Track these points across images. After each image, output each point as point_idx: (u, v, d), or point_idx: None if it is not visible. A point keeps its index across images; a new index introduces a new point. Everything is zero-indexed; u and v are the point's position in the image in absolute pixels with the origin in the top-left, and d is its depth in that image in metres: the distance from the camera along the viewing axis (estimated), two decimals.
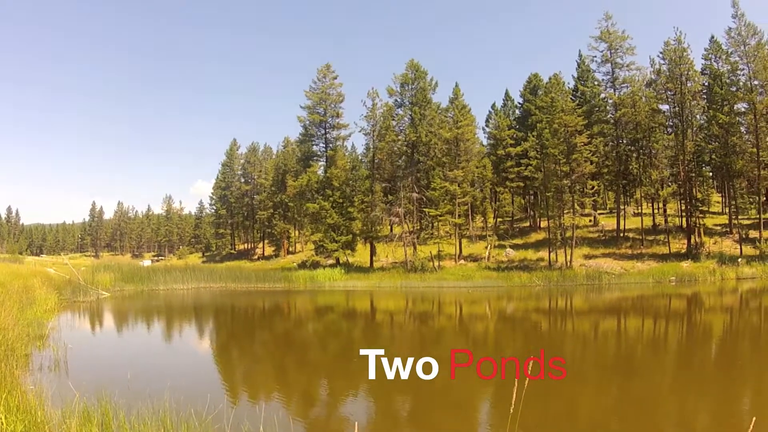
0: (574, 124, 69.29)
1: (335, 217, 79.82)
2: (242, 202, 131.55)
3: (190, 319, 44.46)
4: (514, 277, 64.32)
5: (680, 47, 72.49)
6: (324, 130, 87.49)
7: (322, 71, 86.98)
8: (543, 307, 48.67)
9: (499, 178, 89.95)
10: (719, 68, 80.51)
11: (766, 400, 17.30)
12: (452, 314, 46.13)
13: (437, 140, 79.56)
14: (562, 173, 70.02)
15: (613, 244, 75.09)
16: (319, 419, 16.70)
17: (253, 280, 71.14)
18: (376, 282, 69.19)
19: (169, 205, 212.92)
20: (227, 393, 19.10)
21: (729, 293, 51.15)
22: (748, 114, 72.24)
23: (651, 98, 76.80)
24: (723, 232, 76.10)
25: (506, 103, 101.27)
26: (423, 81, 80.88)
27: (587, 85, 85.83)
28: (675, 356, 25.68)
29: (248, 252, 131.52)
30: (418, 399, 18.35)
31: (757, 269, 60.59)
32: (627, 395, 17.99)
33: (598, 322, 37.66)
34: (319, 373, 23.50)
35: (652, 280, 61.20)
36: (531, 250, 77.97)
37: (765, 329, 32.14)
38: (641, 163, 78.55)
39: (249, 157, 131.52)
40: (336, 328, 38.32)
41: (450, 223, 75.95)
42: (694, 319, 38.57)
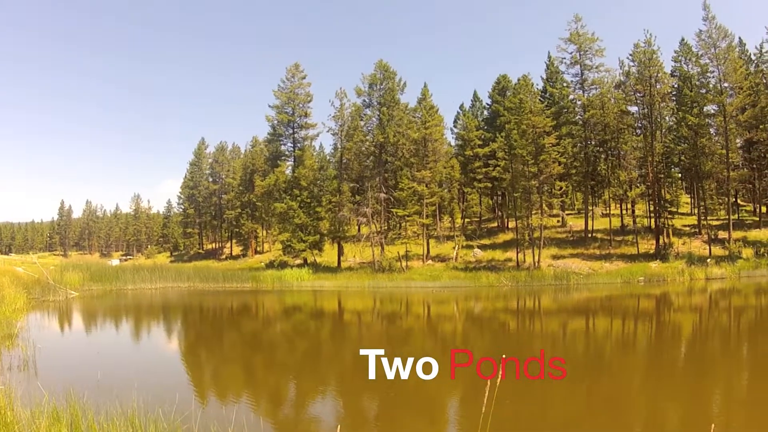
0: (543, 125, 69.98)
1: (303, 217, 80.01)
2: (210, 202, 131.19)
3: (159, 319, 44.81)
4: (481, 278, 65.06)
5: (650, 49, 73.39)
6: (292, 129, 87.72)
7: (291, 71, 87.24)
8: (511, 307, 49.06)
9: (467, 178, 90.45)
10: (689, 70, 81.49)
11: (734, 399, 17.62)
12: (420, 314, 46.56)
13: (405, 141, 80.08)
14: (530, 174, 70.65)
15: (581, 245, 75.86)
16: (288, 419, 16.77)
17: (220, 280, 71.71)
18: (344, 282, 69.68)
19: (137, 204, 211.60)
20: (196, 393, 19.18)
21: (698, 293, 51.75)
22: (717, 116, 73.41)
23: (620, 100, 77.63)
24: (692, 232, 76.96)
25: (474, 104, 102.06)
26: (391, 81, 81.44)
27: (556, 86, 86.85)
28: (644, 356, 26.07)
29: (216, 252, 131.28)
30: (387, 398, 18.48)
31: (726, 270, 61.36)
32: (597, 394, 18.32)
33: (567, 322, 38.13)
34: (288, 373, 23.59)
35: (621, 280, 61.81)
36: (499, 250, 78.48)
37: (734, 329, 32.60)
38: (609, 164, 79.58)
39: (217, 156, 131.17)
40: (304, 329, 38.64)
41: (418, 224, 76.37)
42: (663, 319, 39.25)
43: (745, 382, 19.99)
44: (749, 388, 19.13)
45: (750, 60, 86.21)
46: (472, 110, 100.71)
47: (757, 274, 59.98)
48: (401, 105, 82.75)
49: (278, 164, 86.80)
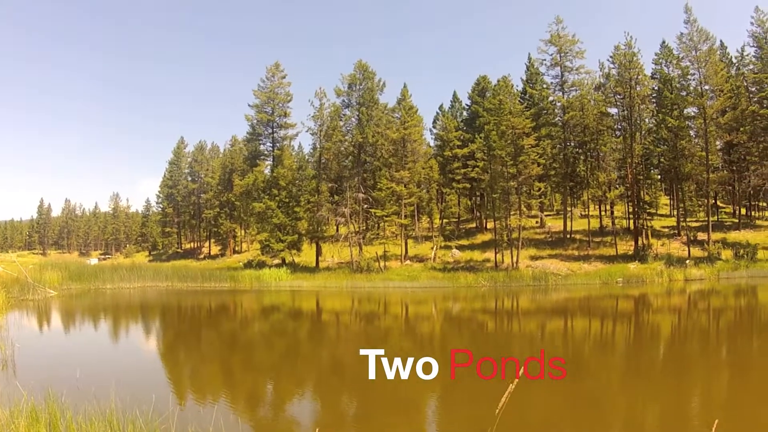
0: (522, 127, 70.41)
1: (281, 217, 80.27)
2: (189, 201, 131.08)
3: (137, 318, 44.73)
4: (460, 278, 65.54)
5: (630, 52, 74.28)
6: (271, 129, 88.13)
7: (271, 70, 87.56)
8: (489, 307, 49.28)
9: (445, 179, 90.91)
10: (670, 73, 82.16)
11: (713, 399, 17.88)
12: (398, 314, 46.80)
13: (384, 141, 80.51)
14: (508, 175, 70.98)
15: (559, 246, 76.53)
16: (266, 420, 16.78)
17: (199, 280, 72.08)
18: (322, 282, 69.89)
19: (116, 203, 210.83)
20: (174, 393, 19.19)
21: (677, 294, 52.33)
22: (697, 118, 74.28)
23: (599, 101, 78.35)
24: (671, 234, 77.94)
25: (454, 104, 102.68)
26: (371, 81, 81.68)
27: (536, 87, 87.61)
28: (623, 356, 26.28)
29: (194, 251, 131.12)
30: (365, 398, 18.71)
31: (705, 271, 62.16)
32: (577, 395, 18.31)
33: (545, 323, 38.38)
34: (266, 373, 23.65)
35: (599, 281, 62.29)
36: (477, 251, 78.96)
37: (713, 330, 32.92)
38: (589, 165, 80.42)
39: (196, 155, 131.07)
40: (282, 329, 38.77)
41: (396, 224, 77.06)
42: (642, 319, 39.41)
43: (725, 382, 20.32)
44: (729, 388, 19.37)
45: (731, 63, 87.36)
46: (452, 111, 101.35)
47: (736, 275, 60.83)
48: (380, 105, 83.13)
49: (257, 164, 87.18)
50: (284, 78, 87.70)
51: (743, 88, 77.13)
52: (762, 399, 16.94)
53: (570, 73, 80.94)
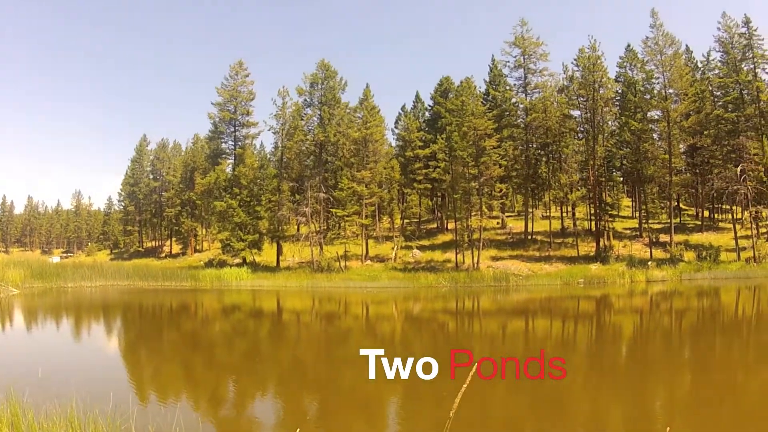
0: (484, 128, 71.37)
1: (242, 216, 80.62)
2: (151, 199, 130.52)
3: (99, 317, 44.83)
4: (420, 278, 66.15)
5: (594, 55, 75.60)
6: (234, 127, 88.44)
7: (235, 68, 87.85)
8: (450, 307, 49.78)
9: (407, 179, 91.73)
10: (634, 76, 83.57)
11: (675, 399, 18.13)
12: (359, 314, 47.29)
13: (345, 140, 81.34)
14: (470, 176, 71.97)
15: (520, 247, 77.57)
16: (228, 419, 16.83)
17: (160, 279, 72.58)
18: (283, 282, 70.36)
19: (78, 200, 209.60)
20: (136, 392, 19.19)
21: (639, 295, 53.10)
22: (661, 121, 75.61)
23: (563, 104, 79.87)
24: (633, 235, 79.28)
25: (416, 105, 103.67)
26: (333, 81, 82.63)
27: (499, 89, 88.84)
28: (585, 356, 26.52)
29: (155, 250, 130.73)
30: (326, 397, 19.09)
31: (667, 272, 63.15)
32: (539, 395, 18.35)
33: (506, 323, 38.85)
34: (227, 373, 23.81)
35: (560, 282, 62.98)
36: (438, 251, 79.72)
37: (675, 330, 33.42)
38: (551, 167, 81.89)
39: (158, 153, 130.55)
40: (243, 328, 39.00)
41: (357, 224, 77.84)
42: (603, 320, 40.07)
43: (687, 382, 20.72)
44: (691, 387, 19.81)
45: (696, 67, 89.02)
46: (414, 111, 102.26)
47: (698, 277, 61.71)
48: (342, 104, 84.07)
49: (219, 162, 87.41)
50: (247, 76, 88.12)
51: (708, 93, 78.77)
52: (719, 401, 17.18)
53: (533, 75, 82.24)
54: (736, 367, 22.44)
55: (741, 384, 19.61)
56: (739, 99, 71.63)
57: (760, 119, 70.86)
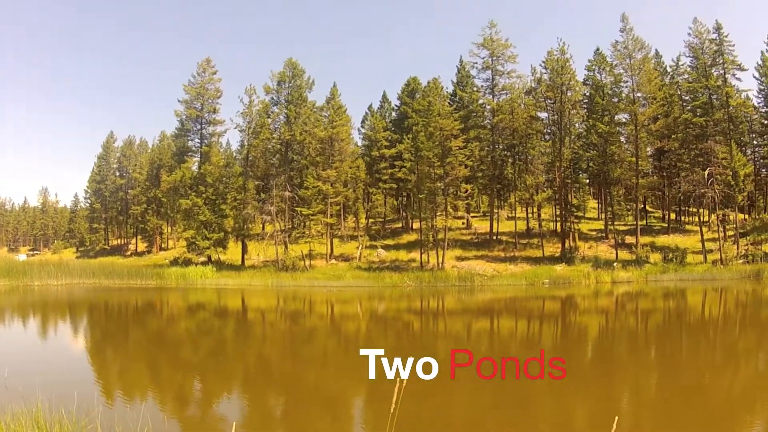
0: (450, 128, 72.50)
1: (208, 214, 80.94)
2: (117, 197, 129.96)
3: (65, 315, 45.18)
4: (385, 278, 66.84)
5: (563, 57, 76.83)
6: (200, 125, 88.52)
7: (202, 66, 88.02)
8: (415, 307, 50.51)
9: (372, 179, 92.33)
10: (602, 79, 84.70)
11: (639, 398, 18.40)
12: (324, 314, 47.75)
13: (312, 139, 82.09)
14: (435, 176, 72.90)
15: (485, 247, 78.49)
16: (194, 418, 16.93)
17: (125, 277, 73.07)
18: (248, 280, 70.96)
19: (45, 197, 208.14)
20: (102, 392, 19.25)
21: (604, 296, 53.73)
22: (628, 124, 77.01)
23: (530, 106, 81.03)
24: (599, 237, 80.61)
25: (383, 105, 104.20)
26: (300, 79, 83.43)
27: (466, 90, 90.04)
28: (550, 355, 25.87)
29: (121, 248, 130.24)
30: (292, 396, 19.33)
31: (633, 273, 63.98)
32: (503, 394, 18.59)
33: (471, 323, 39.15)
34: (193, 372, 24.00)
35: (525, 282, 63.61)
36: (403, 251, 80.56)
37: (642, 331, 34.03)
38: (517, 168, 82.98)
39: (125, 150, 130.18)
40: (208, 327, 39.19)
41: (322, 223, 78.40)
42: (569, 320, 40.33)
43: (652, 381, 20.91)
44: (655, 386, 20.07)
45: (665, 72, 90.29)
46: (381, 111, 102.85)
47: (664, 278, 62.46)
48: (309, 103, 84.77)
49: (185, 160, 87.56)
50: (215, 74, 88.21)
51: (677, 97, 79.79)
52: (684, 400, 17.44)
53: (501, 76, 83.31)
54: (703, 367, 22.91)
55: (707, 384, 19.97)
56: (707, 104, 72.73)
57: (728, 124, 72.40)
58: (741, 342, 29.24)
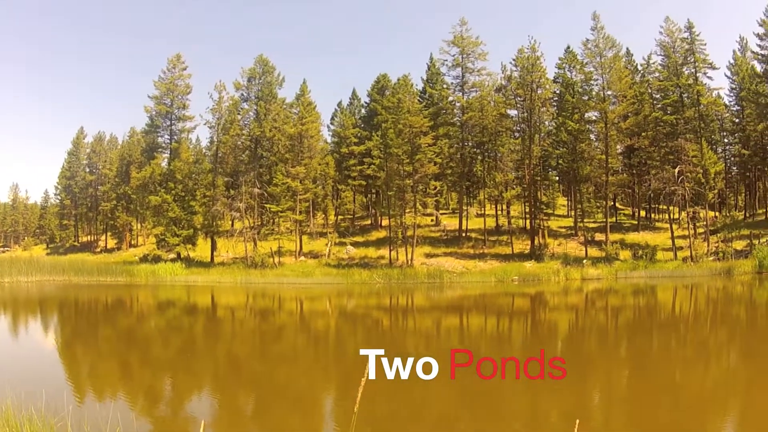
0: (420, 125, 73.28)
1: (177, 211, 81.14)
2: (86, 193, 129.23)
3: (35, 313, 45.26)
4: (354, 275, 67.85)
5: (534, 55, 77.65)
6: (170, 121, 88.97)
7: (173, 61, 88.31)
8: (384, 304, 51.13)
9: (341, 175, 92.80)
10: (573, 77, 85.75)
11: (609, 395, 18.33)
12: (293, 311, 48.12)
13: (281, 136, 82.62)
14: (404, 173, 73.65)
15: (455, 244, 79.17)
16: (164, 416, 16.72)
17: (95, 274, 73.51)
18: (217, 277, 71.49)
19: (15, 193, 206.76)
20: (72, 390, 19.02)
21: (574, 293, 54.22)
22: (598, 122, 77.85)
23: (500, 103, 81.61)
24: (568, 234, 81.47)
25: (353, 101, 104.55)
26: (270, 76, 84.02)
27: (436, 87, 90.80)
28: (520, 352, 26.16)
29: (91, 244, 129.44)
30: (261, 394, 19.43)
31: (602, 270, 64.50)
32: (474, 390, 18.33)
33: (441, 320, 39.52)
34: (163, 369, 23.83)
35: (495, 279, 64.44)
36: (372, 247, 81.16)
37: (612, 327, 34.15)
38: (486, 165, 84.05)
39: (95, 146, 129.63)
40: (178, 325, 39.25)
41: (291, 220, 79.22)
42: (539, 317, 40.59)
43: (622, 378, 20.89)
44: (626, 384, 20.01)
45: (636, 70, 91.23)
46: (350, 108, 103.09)
47: (634, 275, 62.89)
48: (279, 100, 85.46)
49: (155, 156, 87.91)
50: (185, 70, 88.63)
51: (647, 95, 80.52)
52: (655, 397, 17.22)
53: (471, 74, 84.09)
54: (674, 364, 22.95)
55: (678, 381, 20.01)
56: (678, 102, 73.24)
57: (699, 122, 73.14)
58: (712, 339, 29.36)
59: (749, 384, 18.72)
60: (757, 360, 22.26)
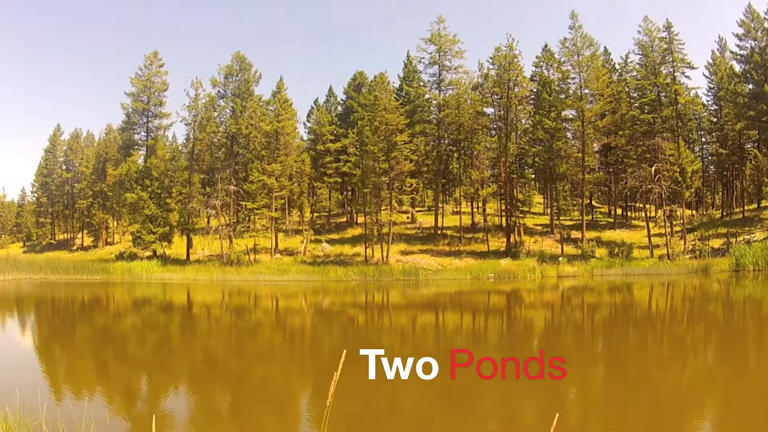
0: (396, 123, 73.88)
1: (153, 208, 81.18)
2: (63, 190, 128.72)
3: (12, 311, 45.12)
4: (330, 272, 68.15)
5: (511, 53, 78.36)
6: (146, 118, 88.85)
7: (149, 58, 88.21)
8: (359, 301, 51.09)
9: (317, 173, 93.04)
10: (550, 76, 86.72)
11: (586, 393, 18.13)
12: (269, 308, 48.26)
13: (257, 133, 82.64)
14: (380, 170, 74.17)
15: (430, 241, 79.80)
16: (139, 415, 16.30)
17: (71, 272, 73.64)
18: (193, 275, 71.75)
19: None
20: (48, 389, 18.93)
21: (550, 290, 54.30)
22: (575, 121, 78.96)
23: (476, 101, 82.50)
24: (544, 231, 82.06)
25: (329, 99, 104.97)
26: (247, 73, 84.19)
27: (412, 85, 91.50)
28: (495, 351, 25.88)
29: (68, 242, 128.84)
30: (238, 391, 19.12)
31: (578, 268, 64.97)
32: (450, 388, 17.96)
33: (416, 317, 39.40)
34: (139, 367, 23.72)
35: (470, 276, 64.85)
36: (348, 245, 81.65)
37: (588, 325, 33.95)
38: (462, 163, 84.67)
39: (71, 143, 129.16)
40: (154, 322, 39.12)
41: (267, 217, 79.34)
42: (514, 314, 40.52)
43: (599, 375, 20.81)
44: (602, 381, 19.95)
45: (614, 69, 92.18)
46: (327, 105, 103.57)
47: (610, 272, 63.45)
48: (255, 97, 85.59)
49: (131, 153, 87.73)
50: (162, 67, 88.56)
51: (625, 94, 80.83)
52: (632, 394, 17.29)
53: (448, 72, 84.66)
54: (650, 361, 22.81)
55: (655, 378, 19.75)
56: (656, 101, 73.52)
57: (677, 121, 74.09)
58: (689, 336, 29.26)
59: (726, 381, 18.73)
60: (734, 357, 22.40)
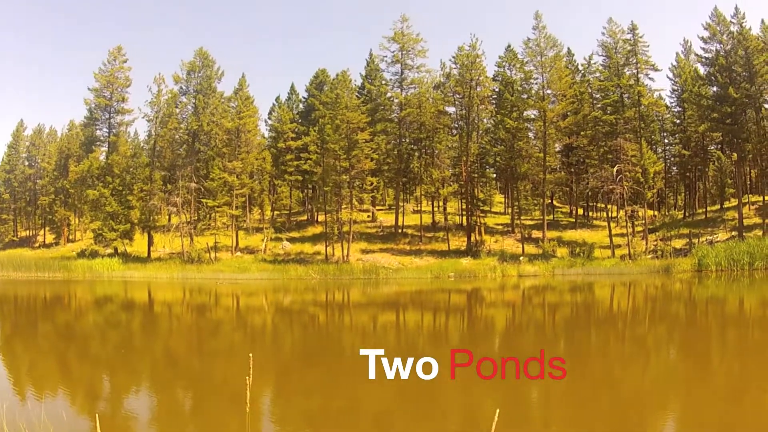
0: (357, 121, 74.68)
1: (114, 205, 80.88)
2: (25, 187, 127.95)
3: None
4: (290, 270, 68.71)
5: (474, 53, 79.33)
6: (109, 114, 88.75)
7: (113, 53, 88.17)
8: (320, 299, 51.48)
9: (278, 170, 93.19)
10: (512, 76, 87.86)
11: (545, 391, 18.09)
12: (230, 306, 48.90)
13: (219, 130, 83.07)
14: (341, 168, 74.98)
15: (391, 240, 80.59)
16: (102, 414, 15.52)
17: (33, 269, 73.94)
18: (154, 272, 72.23)
19: None
20: (10, 387, 18.89)
21: (510, 289, 54.78)
22: (537, 121, 79.98)
23: (438, 100, 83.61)
24: (505, 231, 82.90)
25: (291, 96, 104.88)
26: (210, 69, 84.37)
27: (374, 83, 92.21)
28: (457, 347, 25.76)
29: (30, 239, 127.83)
30: (199, 390, 19.24)
31: (539, 267, 65.97)
32: (410, 387, 17.52)
33: (377, 315, 39.87)
34: (101, 366, 23.67)
35: (431, 275, 65.65)
36: (308, 243, 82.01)
37: (549, 324, 34.46)
38: (423, 162, 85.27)
39: (34, 139, 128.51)
40: (116, 321, 39.13)
41: (227, 215, 79.66)
42: (475, 313, 41.12)
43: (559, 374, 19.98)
44: (565, 380, 19.14)
45: (577, 70, 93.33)
46: (288, 103, 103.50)
47: (571, 272, 64.48)
48: (218, 94, 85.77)
49: (93, 150, 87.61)
50: (125, 62, 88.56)
51: (587, 95, 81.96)
52: (594, 393, 17.71)
53: (410, 70, 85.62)
54: (612, 360, 23.27)
55: (617, 377, 20.16)
56: (619, 102, 74.56)
57: (639, 122, 74.68)
58: (651, 336, 29.60)
59: (688, 380, 19.21)
60: (696, 357, 22.95)
